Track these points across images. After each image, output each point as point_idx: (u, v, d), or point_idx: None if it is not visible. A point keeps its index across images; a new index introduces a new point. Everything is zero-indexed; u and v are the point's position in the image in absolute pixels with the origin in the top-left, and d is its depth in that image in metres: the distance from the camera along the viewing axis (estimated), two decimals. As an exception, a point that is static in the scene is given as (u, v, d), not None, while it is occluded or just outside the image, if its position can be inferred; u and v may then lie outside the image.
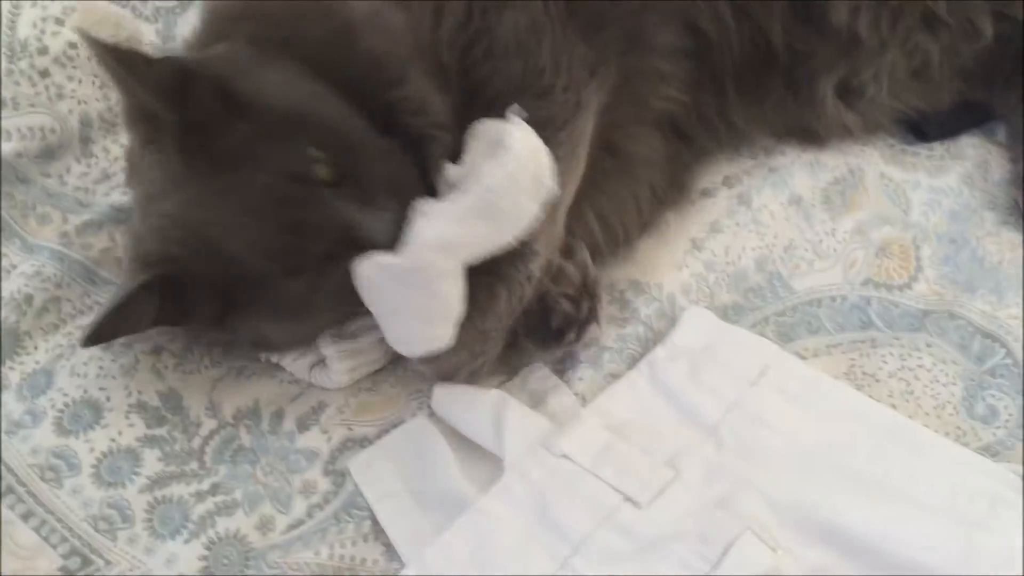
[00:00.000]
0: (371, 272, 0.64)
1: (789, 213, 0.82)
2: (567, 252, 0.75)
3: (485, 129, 0.68)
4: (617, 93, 0.77)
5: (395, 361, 0.75)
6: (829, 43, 0.82)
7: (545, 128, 0.69)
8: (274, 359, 0.75)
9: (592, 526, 0.63)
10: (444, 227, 0.64)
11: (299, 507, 0.69)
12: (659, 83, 0.79)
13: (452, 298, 0.65)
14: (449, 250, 0.64)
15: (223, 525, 0.68)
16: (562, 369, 0.74)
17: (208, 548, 0.67)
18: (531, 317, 0.72)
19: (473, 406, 0.70)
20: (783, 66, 0.83)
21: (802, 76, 0.83)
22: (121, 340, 0.75)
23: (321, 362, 0.74)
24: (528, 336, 0.73)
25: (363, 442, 0.72)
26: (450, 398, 0.72)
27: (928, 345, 0.74)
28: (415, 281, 0.64)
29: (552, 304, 0.72)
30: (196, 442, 0.72)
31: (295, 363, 0.74)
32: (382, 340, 0.71)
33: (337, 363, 0.73)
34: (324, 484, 0.70)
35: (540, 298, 0.72)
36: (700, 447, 0.67)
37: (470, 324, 0.67)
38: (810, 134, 0.86)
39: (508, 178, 0.63)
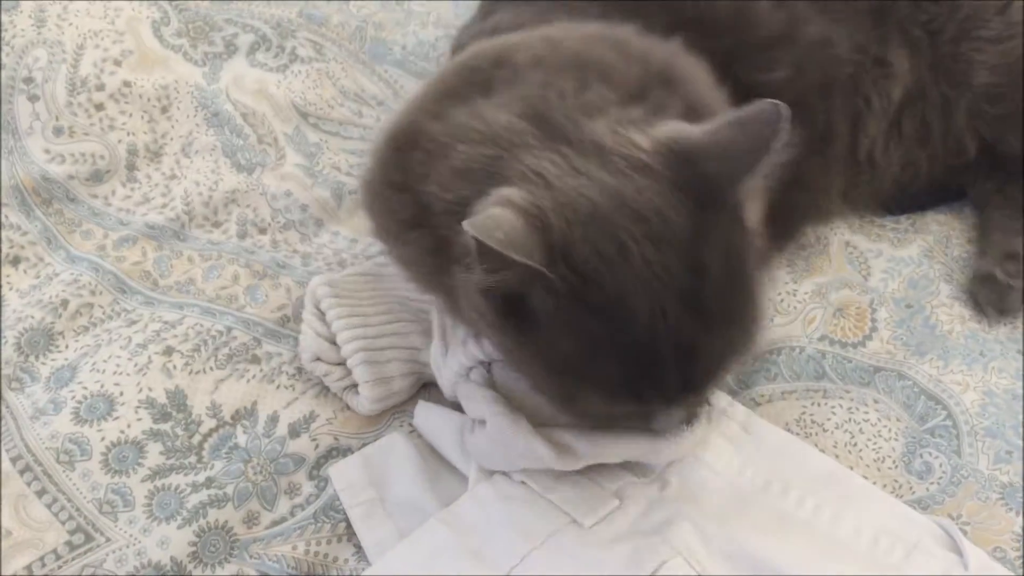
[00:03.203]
0: None
1: (756, 274, 0.88)
2: None
3: None
4: None
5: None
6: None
7: None
8: (318, 373, 0.81)
9: (535, 544, 0.68)
10: None
11: (283, 506, 0.76)
12: None
13: None
14: None
15: (213, 516, 0.75)
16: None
17: (198, 535, 0.74)
18: None
19: (444, 428, 0.77)
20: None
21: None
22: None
23: (354, 386, 0.80)
24: None
25: (346, 452, 0.78)
26: (428, 418, 0.79)
27: (875, 401, 0.79)
28: None
29: None
30: (196, 439, 0.79)
31: (336, 383, 0.80)
32: (409, 375, 0.79)
33: (368, 392, 0.78)
34: (308, 487, 0.77)
35: None
36: (646, 487, 0.71)
37: None
38: None
39: None
